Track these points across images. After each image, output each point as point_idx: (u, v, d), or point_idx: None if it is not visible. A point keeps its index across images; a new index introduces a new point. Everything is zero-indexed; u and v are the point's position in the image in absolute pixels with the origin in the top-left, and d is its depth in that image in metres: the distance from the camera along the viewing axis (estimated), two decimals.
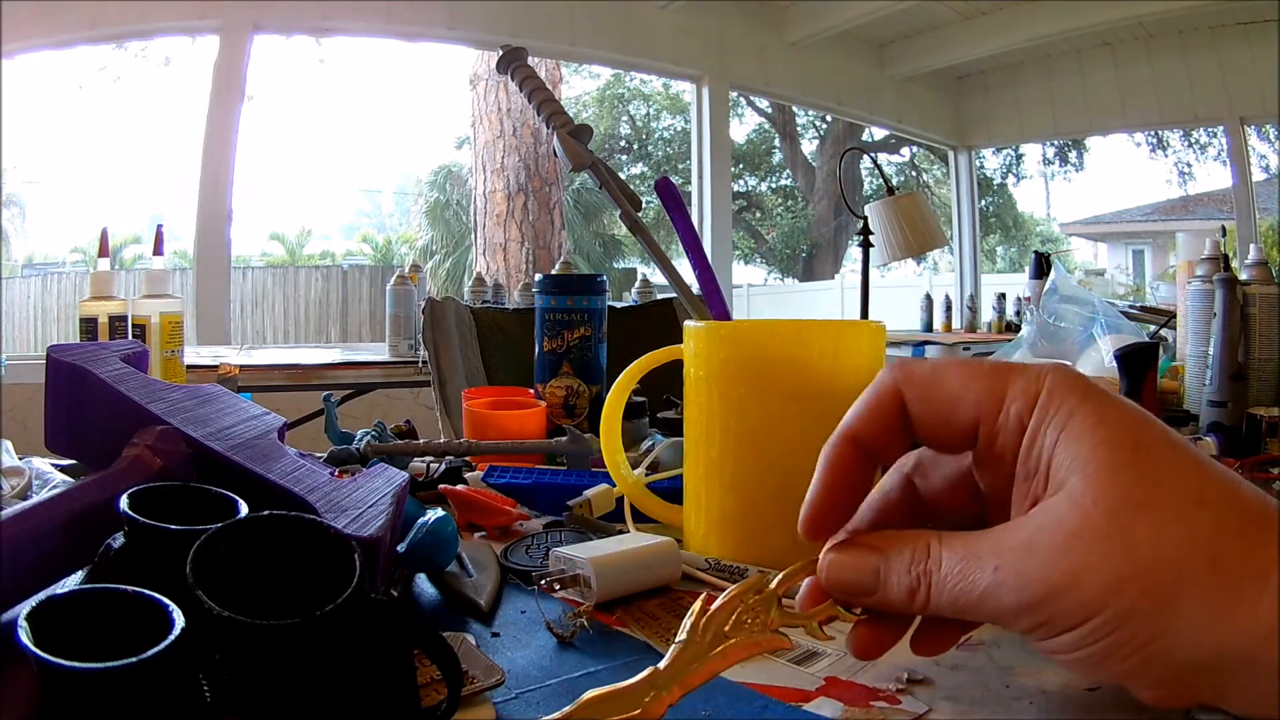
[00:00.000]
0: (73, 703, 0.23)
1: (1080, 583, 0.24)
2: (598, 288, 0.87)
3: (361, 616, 0.27)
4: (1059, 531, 0.25)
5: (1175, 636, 0.23)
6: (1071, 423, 0.26)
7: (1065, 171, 10.97)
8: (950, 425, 0.29)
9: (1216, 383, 0.87)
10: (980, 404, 0.28)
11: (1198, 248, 1.01)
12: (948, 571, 0.27)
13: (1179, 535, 0.24)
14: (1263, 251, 0.93)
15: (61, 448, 0.42)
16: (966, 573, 0.26)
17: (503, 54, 0.69)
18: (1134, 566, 0.24)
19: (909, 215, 2.57)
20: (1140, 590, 0.23)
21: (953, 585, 0.26)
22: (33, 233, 10.55)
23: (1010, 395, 0.28)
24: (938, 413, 0.29)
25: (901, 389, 0.29)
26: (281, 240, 10.64)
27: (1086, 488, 0.25)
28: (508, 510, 0.56)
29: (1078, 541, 0.24)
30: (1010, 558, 0.25)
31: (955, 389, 0.29)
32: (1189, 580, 0.23)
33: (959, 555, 0.27)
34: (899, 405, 0.29)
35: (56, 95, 9.66)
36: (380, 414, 1.21)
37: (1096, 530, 0.24)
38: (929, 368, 0.30)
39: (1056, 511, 0.25)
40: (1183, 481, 0.25)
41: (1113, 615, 0.24)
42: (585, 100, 10.83)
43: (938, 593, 0.27)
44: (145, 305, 0.99)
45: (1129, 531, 0.24)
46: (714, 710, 0.32)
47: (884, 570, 0.28)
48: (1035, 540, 0.25)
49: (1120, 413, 0.26)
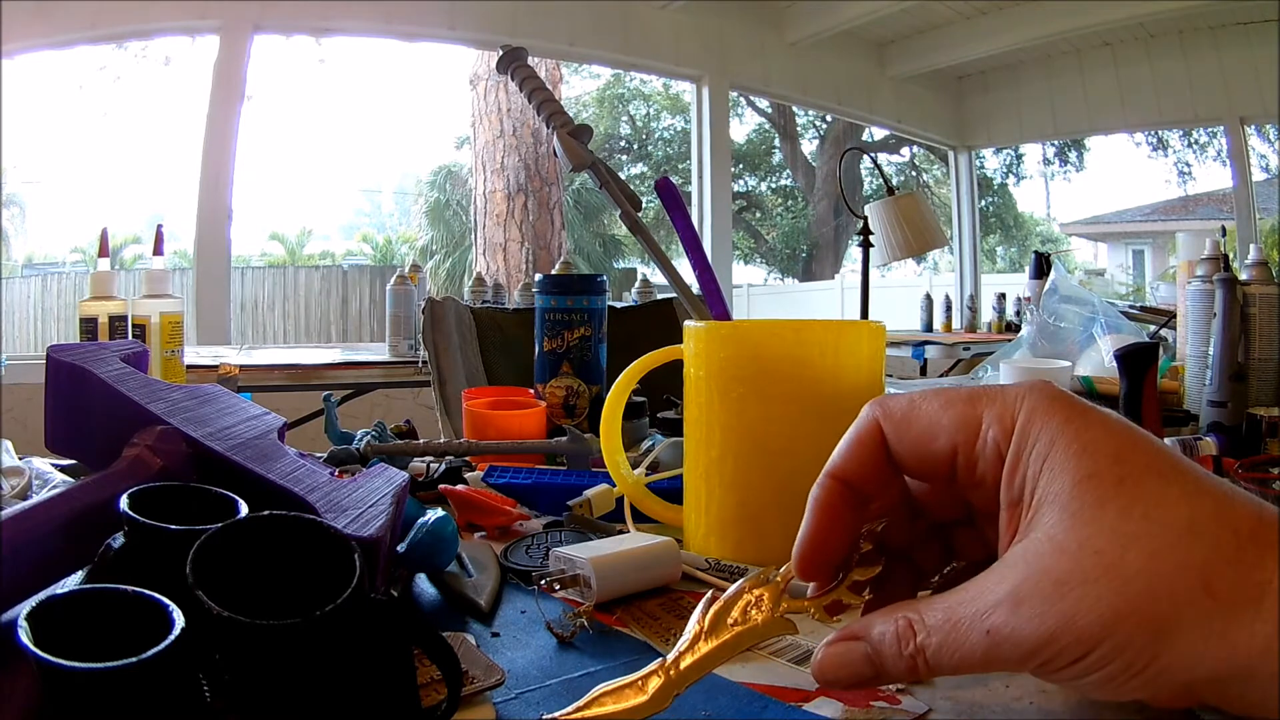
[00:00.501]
0: (73, 703, 0.23)
1: (1075, 625, 0.24)
2: (598, 288, 0.87)
3: (361, 616, 0.27)
4: (1046, 579, 0.25)
5: (1173, 659, 0.23)
6: (1053, 453, 0.26)
7: (1065, 171, 10.98)
8: (929, 457, 0.29)
9: (1216, 383, 0.87)
10: (955, 433, 0.28)
11: (1198, 248, 1.01)
12: (939, 645, 0.26)
13: (1171, 566, 0.23)
14: (1263, 251, 0.93)
15: (61, 448, 0.42)
16: (960, 641, 0.26)
17: (503, 54, 0.69)
18: (1127, 602, 0.23)
19: (909, 215, 2.57)
20: (1136, 623, 0.23)
21: (950, 655, 0.26)
22: (33, 233, 10.57)
23: (985, 422, 0.28)
24: (916, 445, 0.29)
25: (881, 424, 0.30)
26: (281, 240, 10.65)
27: (1071, 529, 0.25)
28: (508, 510, 0.56)
29: (1067, 588, 0.24)
30: (999, 618, 0.25)
31: (931, 420, 0.29)
32: (1184, 608, 0.23)
33: (945, 626, 0.26)
34: (880, 441, 0.30)
35: (56, 95, 9.67)
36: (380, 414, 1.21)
37: (1085, 573, 0.24)
38: (906, 401, 0.30)
39: (1040, 557, 0.25)
40: (1172, 509, 0.24)
41: (1110, 648, 0.24)
42: (585, 100, 10.84)
43: (937, 664, 0.27)
44: (145, 305, 0.99)
45: (1119, 568, 0.24)
46: (714, 710, 0.32)
47: (875, 657, 0.28)
48: (1022, 592, 0.25)
49: (1104, 438, 0.26)
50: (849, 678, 0.29)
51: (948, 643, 0.26)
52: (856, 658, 0.28)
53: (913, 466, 0.30)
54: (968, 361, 3.18)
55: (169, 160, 11.47)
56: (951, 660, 0.26)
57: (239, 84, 3.23)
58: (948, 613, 0.26)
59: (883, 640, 0.28)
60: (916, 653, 0.27)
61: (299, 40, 7.20)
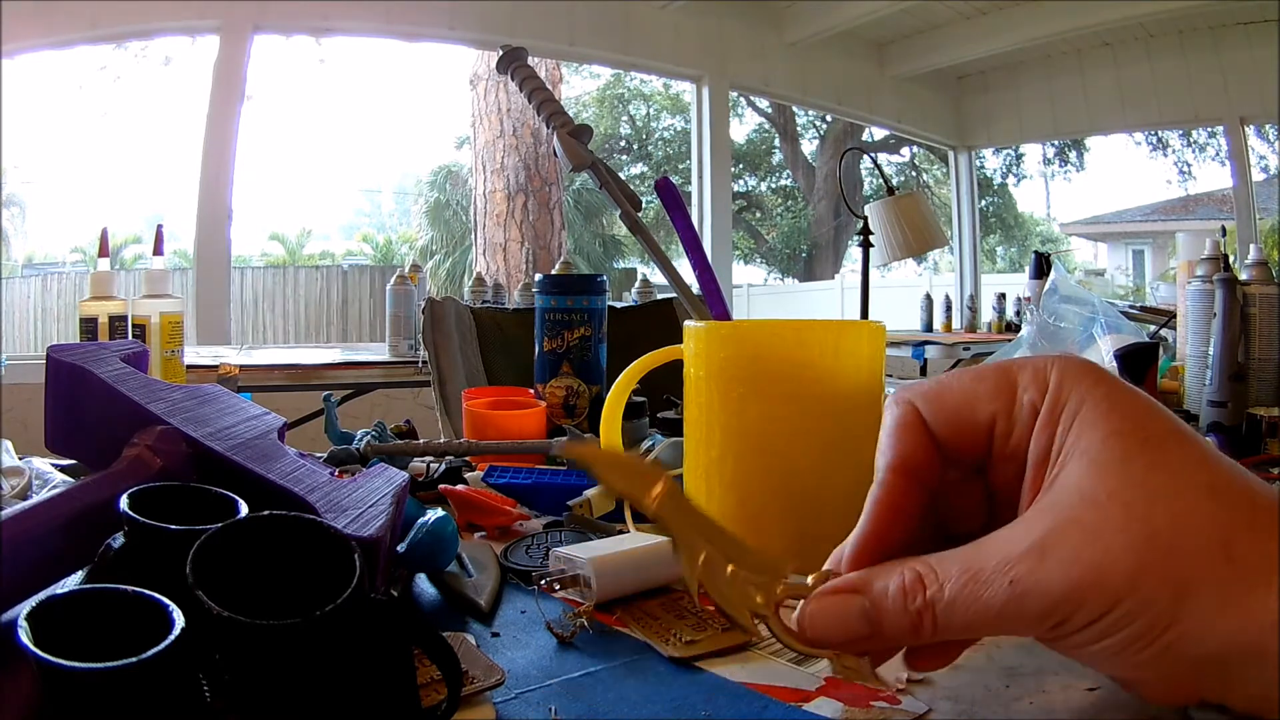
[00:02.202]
0: (73, 703, 0.23)
1: (1104, 576, 0.23)
2: (598, 288, 0.87)
3: (361, 616, 0.27)
4: (1075, 528, 0.24)
5: (1188, 627, 0.23)
6: (1083, 411, 0.26)
7: (1065, 171, 10.98)
8: (970, 427, 0.28)
9: (1216, 383, 0.87)
10: (993, 400, 0.28)
11: (1198, 248, 1.01)
12: (953, 598, 0.25)
13: (1194, 524, 0.23)
14: (1263, 251, 0.93)
15: (61, 448, 0.42)
16: (977, 593, 0.25)
17: (503, 54, 0.69)
18: (1155, 556, 0.23)
19: (909, 215, 2.57)
20: (1159, 578, 0.23)
21: (964, 609, 0.25)
22: (33, 233, 10.57)
23: (1022, 385, 0.28)
24: (956, 416, 0.29)
25: (917, 405, 0.29)
26: (281, 240, 10.65)
27: (1099, 480, 0.25)
28: (508, 510, 0.56)
29: (1096, 535, 0.24)
30: (1025, 566, 0.24)
31: (966, 391, 0.29)
32: (1204, 570, 0.23)
33: (962, 578, 0.25)
34: (921, 421, 0.29)
35: (56, 95, 9.67)
36: (380, 414, 1.21)
37: (1114, 522, 0.24)
38: (934, 382, 0.29)
39: (1068, 507, 0.25)
40: (1195, 472, 0.24)
41: (1132, 606, 0.23)
42: (585, 100, 10.84)
43: (947, 620, 0.25)
44: (145, 305, 0.99)
45: (1147, 521, 0.24)
46: (714, 710, 0.32)
47: (874, 612, 0.26)
48: (1049, 542, 0.24)
49: (1130, 401, 0.26)
50: (840, 635, 0.27)
51: (963, 595, 0.25)
52: (852, 612, 0.27)
53: (950, 443, 0.29)
54: (967, 362, 3.18)
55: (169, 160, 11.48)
56: (965, 616, 0.25)
57: (239, 84, 3.23)
58: (965, 563, 0.25)
59: (885, 593, 0.26)
60: (924, 608, 0.25)
61: (299, 40, 7.20)
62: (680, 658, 0.36)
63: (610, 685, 0.34)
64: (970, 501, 0.30)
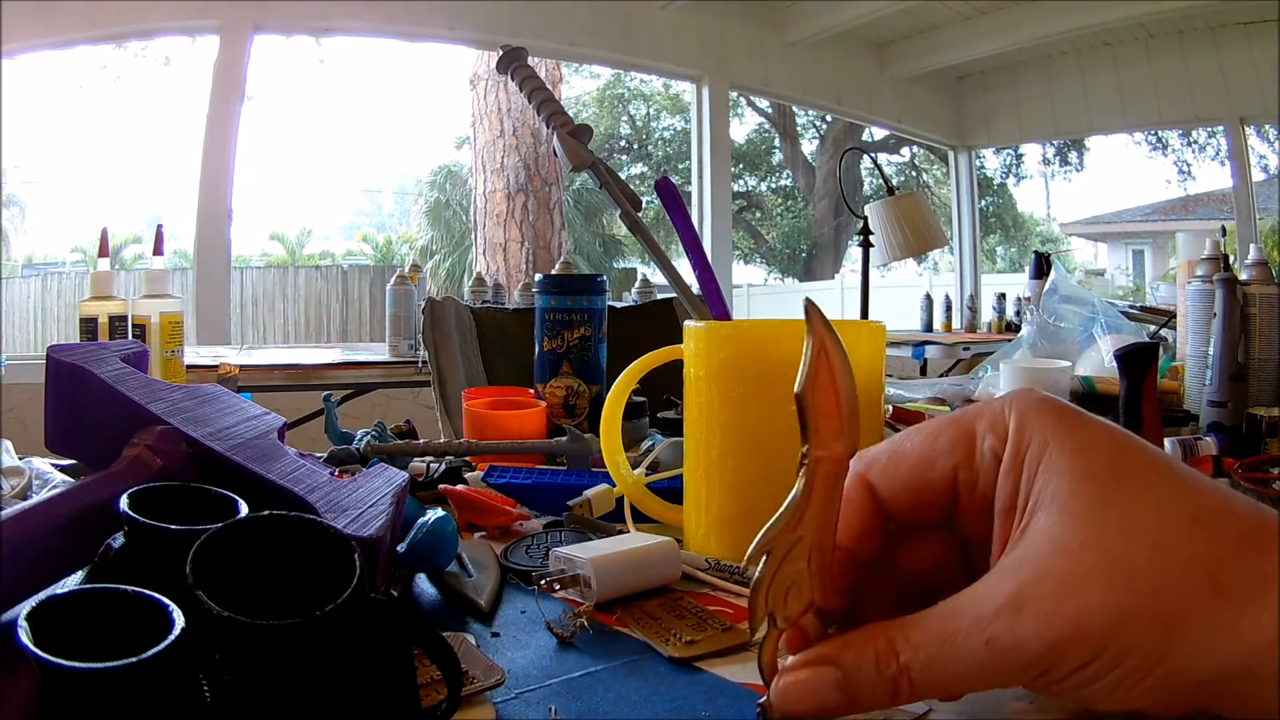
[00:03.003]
0: (73, 703, 0.23)
1: (1084, 627, 0.23)
2: (598, 288, 0.87)
3: (361, 616, 0.27)
4: (1049, 581, 0.23)
5: (1179, 660, 0.23)
6: (1048, 454, 0.25)
7: (1065, 171, 10.98)
8: (930, 487, 0.28)
9: (1216, 383, 0.87)
10: (952, 453, 0.27)
11: (1198, 248, 1.01)
12: (930, 660, 0.24)
13: (1178, 560, 0.23)
14: (1263, 251, 0.93)
15: (61, 448, 0.42)
16: (955, 654, 0.24)
17: (503, 54, 0.69)
18: (1138, 599, 0.23)
19: (909, 215, 2.57)
20: (1147, 622, 0.23)
21: (941, 671, 0.24)
22: (33, 233, 10.57)
23: (980, 433, 0.27)
24: (911, 479, 0.28)
25: (866, 476, 0.29)
26: (281, 240, 10.65)
27: (1073, 529, 0.24)
28: (508, 510, 0.56)
29: (1072, 588, 0.23)
30: (1000, 624, 0.24)
31: (922, 451, 0.28)
32: (1193, 603, 0.23)
33: (935, 641, 0.24)
34: (868, 494, 0.29)
35: (56, 95, 9.67)
36: (380, 414, 1.21)
37: (1090, 572, 0.23)
38: (889, 445, 0.29)
39: (1041, 559, 0.24)
40: (1176, 504, 0.24)
41: (1118, 650, 0.23)
42: (585, 100, 10.84)
43: (924, 683, 0.25)
44: (145, 305, 0.99)
45: (1126, 564, 0.23)
46: (714, 710, 0.32)
47: (848, 683, 0.26)
48: (1024, 597, 0.24)
49: (1097, 437, 0.25)
50: (815, 708, 0.26)
51: (940, 658, 0.24)
52: (826, 684, 0.26)
53: (907, 506, 0.28)
54: (967, 361, 3.18)
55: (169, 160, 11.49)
56: (943, 677, 0.24)
57: (239, 84, 3.23)
58: (938, 625, 0.25)
59: (857, 665, 0.26)
60: (900, 673, 0.25)
61: (299, 40, 7.20)
62: (680, 658, 0.36)
63: (610, 685, 0.34)
64: (944, 552, 0.30)
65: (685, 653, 0.36)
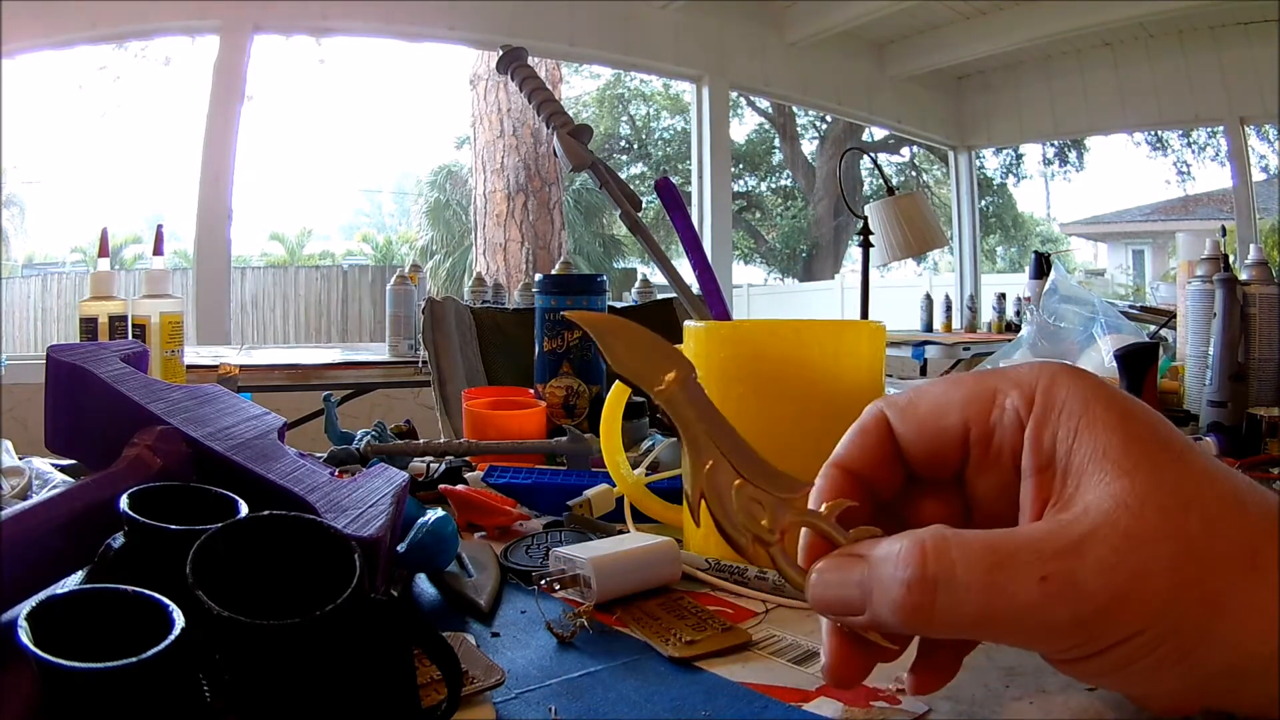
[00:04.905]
0: (73, 703, 0.23)
1: (1145, 586, 0.22)
2: (598, 288, 0.87)
3: (361, 616, 0.27)
4: (1113, 532, 0.22)
5: (1215, 640, 0.22)
6: (1089, 414, 0.24)
7: (1065, 171, 10.98)
8: (939, 436, 0.27)
9: (1216, 383, 0.87)
10: (966, 406, 0.27)
11: (1198, 248, 1.01)
12: (969, 579, 0.22)
13: (1224, 535, 0.22)
14: (1263, 251, 0.93)
15: (61, 448, 0.42)
16: (1000, 582, 0.22)
17: (503, 54, 0.69)
18: (1194, 566, 0.22)
19: (909, 215, 2.57)
20: (1198, 593, 0.22)
21: (980, 597, 0.22)
22: (33, 233, 10.57)
23: (1002, 391, 0.26)
24: (924, 424, 0.28)
25: (886, 412, 0.28)
26: (281, 240, 10.65)
27: (1130, 486, 0.23)
28: (508, 510, 0.56)
29: (1136, 542, 0.22)
30: (1059, 564, 0.22)
31: (939, 399, 0.28)
32: (1235, 580, 0.22)
33: (983, 559, 0.22)
34: (885, 429, 0.28)
35: (56, 95, 9.67)
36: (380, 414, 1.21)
37: (1154, 530, 0.22)
38: (910, 390, 0.29)
39: (1101, 511, 0.23)
40: (1219, 481, 0.23)
41: (1169, 624, 0.22)
42: (585, 100, 10.84)
43: (949, 607, 0.22)
44: (145, 305, 0.99)
45: (1183, 531, 0.22)
46: (714, 710, 0.32)
47: (867, 579, 0.24)
48: (1089, 542, 0.22)
49: (1135, 406, 0.25)
50: (834, 603, 0.25)
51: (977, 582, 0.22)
52: (850, 579, 0.24)
53: (921, 451, 0.28)
54: (968, 361, 3.19)
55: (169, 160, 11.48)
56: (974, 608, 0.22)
57: (239, 84, 3.23)
58: (987, 545, 0.22)
59: (883, 560, 0.23)
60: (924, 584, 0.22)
61: (299, 40, 7.20)
62: (680, 658, 0.36)
63: (610, 685, 0.34)
64: (950, 514, 0.29)
65: (685, 653, 0.36)
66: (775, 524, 0.25)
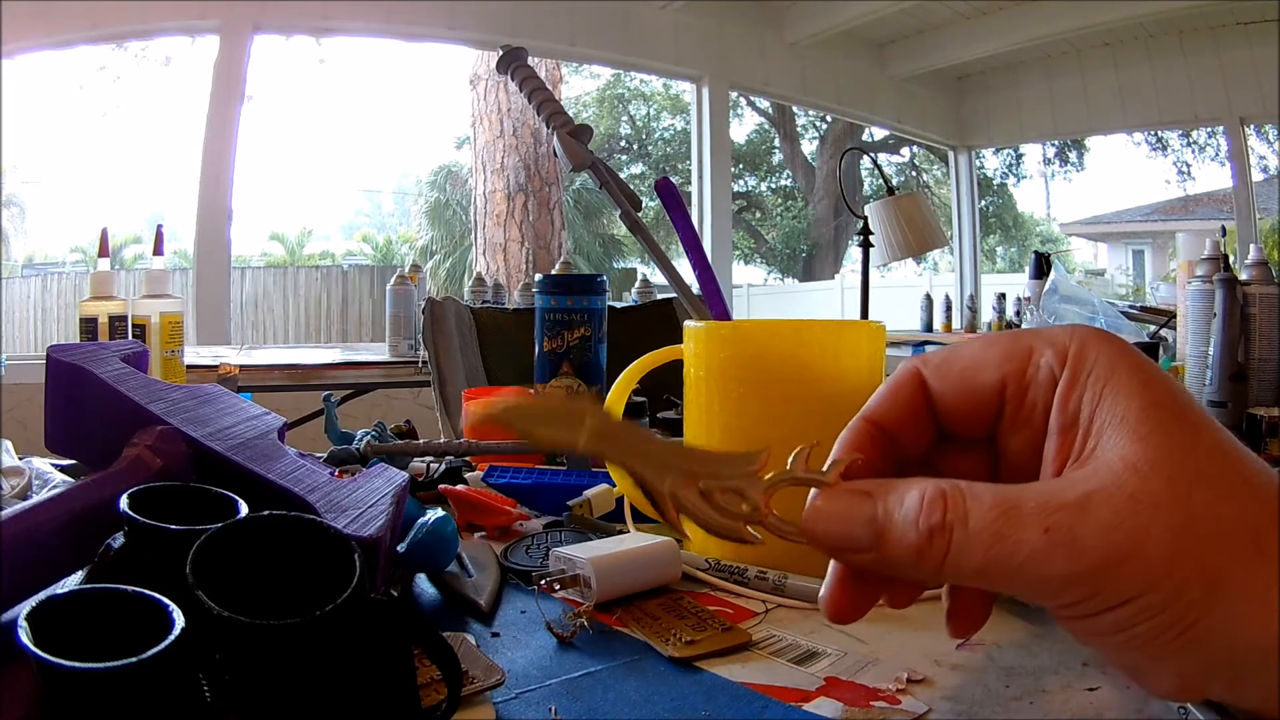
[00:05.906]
0: (73, 703, 0.23)
1: (1143, 550, 0.22)
2: (598, 288, 0.87)
3: (361, 616, 0.27)
4: (1118, 493, 0.22)
5: (1215, 622, 0.22)
6: (1115, 378, 0.25)
7: (1065, 171, 10.98)
8: (977, 391, 0.27)
9: (1216, 383, 0.87)
10: (1005, 362, 0.27)
11: (1198, 248, 1.01)
12: (979, 528, 0.23)
13: (1232, 512, 0.22)
14: (1263, 251, 0.93)
15: (61, 448, 0.42)
16: (1005, 531, 0.22)
17: (503, 54, 0.69)
18: (1193, 539, 0.22)
19: (909, 215, 2.58)
20: (1196, 566, 0.22)
21: (986, 546, 0.23)
22: (33, 233, 10.57)
23: (1038, 350, 0.27)
24: (960, 380, 0.28)
25: (920, 369, 0.28)
26: (281, 240, 10.65)
27: (1142, 451, 0.23)
28: (508, 510, 0.56)
29: (1139, 505, 0.22)
30: (1065, 516, 0.22)
31: (975, 356, 0.28)
32: (1236, 560, 0.22)
33: (992, 509, 0.23)
34: (918, 385, 0.28)
35: (56, 95, 9.67)
36: (380, 414, 1.22)
37: (1157, 496, 0.22)
38: (945, 349, 0.29)
39: (1111, 471, 0.23)
40: (1229, 458, 0.23)
41: (1167, 593, 0.22)
42: (585, 100, 10.84)
43: (960, 553, 0.23)
44: (145, 305, 0.99)
45: (1187, 502, 0.22)
46: (714, 710, 0.32)
47: (882, 520, 0.24)
48: (1093, 500, 0.22)
49: (1160, 374, 0.25)
50: (838, 538, 0.25)
51: (990, 530, 0.23)
52: (859, 516, 0.24)
53: (956, 407, 0.28)
54: None
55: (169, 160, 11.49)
56: (983, 555, 0.23)
57: (239, 84, 3.23)
58: (997, 496, 0.23)
59: (900, 503, 0.24)
60: (941, 529, 0.23)
61: (299, 40, 7.20)
62: (680, 658, 0.36)
63: (610, 685, 0.34)
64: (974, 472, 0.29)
65: (685, 653, 0.36)
66: (754, 501, 0.26)
